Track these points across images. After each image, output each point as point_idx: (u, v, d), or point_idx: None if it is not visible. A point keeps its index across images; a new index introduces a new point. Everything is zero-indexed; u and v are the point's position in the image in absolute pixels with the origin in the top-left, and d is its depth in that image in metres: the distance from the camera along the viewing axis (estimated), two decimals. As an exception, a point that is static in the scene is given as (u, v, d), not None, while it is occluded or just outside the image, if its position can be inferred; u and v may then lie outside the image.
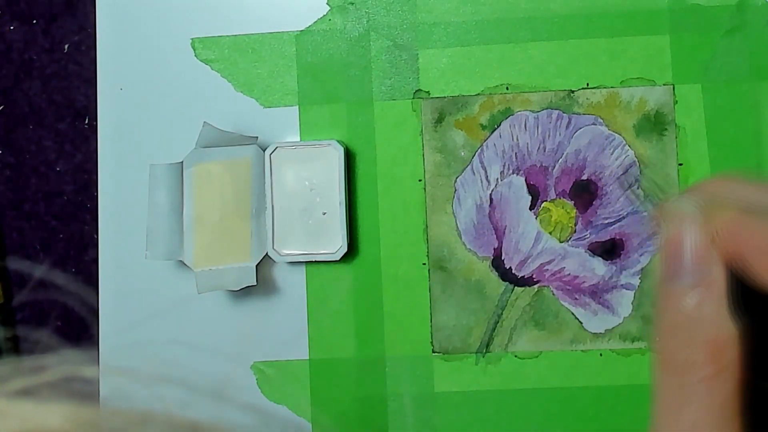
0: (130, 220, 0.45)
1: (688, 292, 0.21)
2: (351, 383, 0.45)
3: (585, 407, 0.45)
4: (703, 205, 0.22)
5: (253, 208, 0.45)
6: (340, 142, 0.45)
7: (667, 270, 0.22)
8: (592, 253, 0.45)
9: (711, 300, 0.21)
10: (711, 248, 0.21)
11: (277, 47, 0.47)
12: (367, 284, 0.46)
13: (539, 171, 0.45)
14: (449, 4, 0.46)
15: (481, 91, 0.46)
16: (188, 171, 0.44)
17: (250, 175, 0.45)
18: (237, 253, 0.44)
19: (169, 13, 0.47)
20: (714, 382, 0.20)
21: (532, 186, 0.45)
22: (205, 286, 0.44)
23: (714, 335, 0.21)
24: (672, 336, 0.21)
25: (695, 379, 0.21)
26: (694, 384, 0.21)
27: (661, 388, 0.21)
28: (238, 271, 0.44)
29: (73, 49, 0.48)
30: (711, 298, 0.21)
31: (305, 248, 0.44)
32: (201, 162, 0.45)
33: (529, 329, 0.45)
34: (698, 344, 0.21)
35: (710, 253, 0.22)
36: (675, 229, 0.22)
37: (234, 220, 0.45)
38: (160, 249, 0.44)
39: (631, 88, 0.45)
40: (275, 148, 0.44)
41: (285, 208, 0.44)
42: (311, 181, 0.45)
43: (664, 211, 0.23)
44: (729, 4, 0.45)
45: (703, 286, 0.21)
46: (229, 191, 0.45)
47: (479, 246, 0.45)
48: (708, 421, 0.20)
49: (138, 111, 0.47)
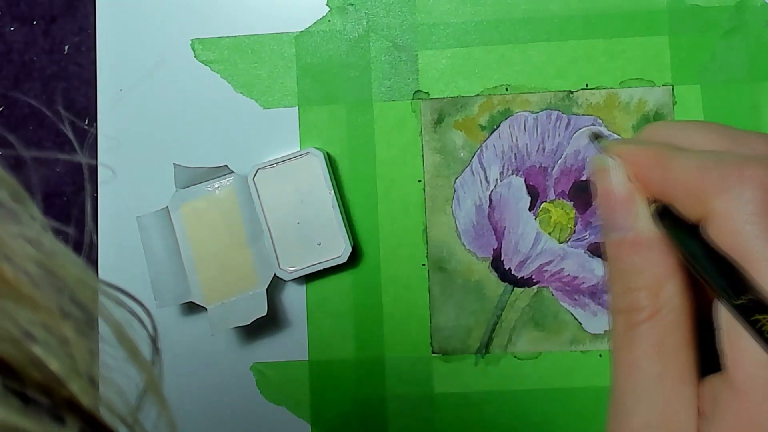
0: (130, 220, 0.45)
1: (621, 241, 0.23)
2: (350, 384, 0.45)
3: (584, 408, 0.44)
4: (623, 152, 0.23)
5: (249, 234, 0.44)
6: (318, 148, 0.45)
7: (604, 224, 0.24)
8: (591, 254, 0.45)
9: (640, 244, 0.23)
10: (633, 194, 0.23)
11: (277, 48, 0.47)
12: (366, 285, 0.46)
13: (539, 172, 0.45)
14: (449, 5, 0.46)
15: (480, 92, 0.46)
16: (176, 214, 0.44)
17: (237, 203, 0.45)
18: (244, 282, 0.44)
19: (169, 13, 0.47)
20: (653, 322, 0.22)
21: (532, 187, 0.45)
22: (218, 326, 0.44)
23: (648, 279, 0.22)
24: (614, 283, 0.23)
25: (638, 320, 0.22)
26: (637, 325, 0.22)
27: (613, 332, 0.23)
28: (249, 299, 0.44)
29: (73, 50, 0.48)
30: (640, 242, 0.23)
31: (311, 259, 0.44)
32: (185, 202, 0.45)
33: (528, 330, 0.45)
34: (636, 288, 0.22)
35: (634, 198, 0.23)
36: (602, 182, 0.24)
37: (233, 250, 0.45)
38: (168, 296, 0.44)
39: (631, 89, 0.45)
40: (256, 171, 0.44)
41: (281, 227, 0.44)
42: (300, 192, 0.44)
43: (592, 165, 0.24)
44: (728, 5, 0.45)
45: (631, 235, 0.23)
46: (220, 224, 0.45)
47: (478, 247, 0.45)
48: (652, 356, 0.22)
49: (138, 112, 0.47)
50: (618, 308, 0.23)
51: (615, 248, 0.23)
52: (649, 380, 0.22)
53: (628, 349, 0.22)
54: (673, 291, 0.22)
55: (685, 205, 0.22)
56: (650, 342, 0.22)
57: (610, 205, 0.23)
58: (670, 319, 0.22)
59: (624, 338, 0.23)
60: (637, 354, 0.22)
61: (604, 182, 0.23)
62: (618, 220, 0.23)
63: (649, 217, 0.23)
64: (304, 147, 0.46)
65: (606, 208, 0.23)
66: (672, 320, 0.22)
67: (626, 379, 0.23)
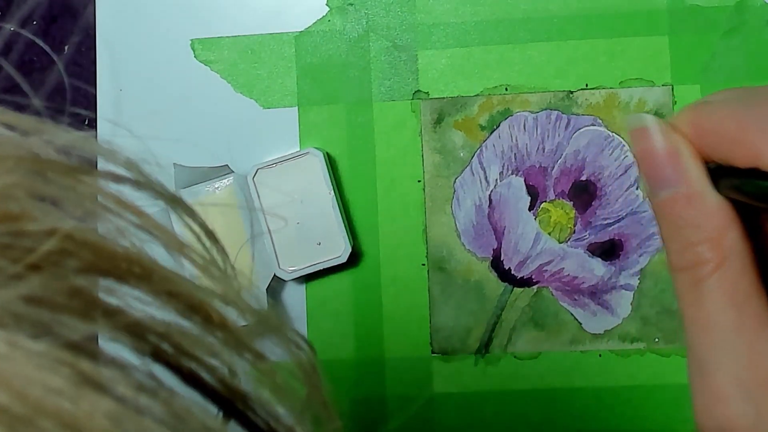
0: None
1: (671, 200, 0.22)
2: (350, 384, 0.45)
3: (584, 408, 0.44)
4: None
5: (248, 234, 0.44)
6: (318, 148, 0.45)
7: (648, 183, 0.23)
8: (591, 254, 0.45)
9: (694, 197, 0.22)
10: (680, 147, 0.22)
11: (277, 48, 0.47)
12: (366, 285, 0.46)
13: (538, 172, 0.45)
14: (448, 5, 0.46)
15: (480, 92, 0.46)
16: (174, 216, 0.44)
17: (237, 203, 0.45)
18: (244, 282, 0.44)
19: (169, 13, 0.48)
20: (720, 273, 0.22)
21: (531, 187, 0.45)
22: None
23: (708, 229, 0.22)
24: (671, 242, 0.23)
25: (704, 273, 0.22)
26: (705, 278, 0.22)
27: (679, 291, 0.23)
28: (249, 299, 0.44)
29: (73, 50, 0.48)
30: (693, 195, 0.22)
31: (311, 259, 0.44)
32: None
33: (528, 330, 0.45)
34: (697, 243, 0.22)
35: (680, 152, 0.23)
36: (640, 142, 0.23)
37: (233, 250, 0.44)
38: None
39: (630, 89, 0.45)
40: (256, 171, 0.44)
41: (281, 226, 0.44)
42: (300, 192, 0.45)
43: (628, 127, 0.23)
44: (728, 5, 0.45)
45: (683, 187, 0.22)
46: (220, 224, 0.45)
47: (478, 247, 0.45)
48: (727, 306, 0.22)
49: (137, 112, 0.47)
50: (680, 266, 0.22)
51: (667, 206, 0.22)
52: (728, 331, 0.21)
53: (699, 305, 0.22)
54: (734, 238, 0.22)
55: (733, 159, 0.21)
56: (722, 293, 0.22)
57: (654, 162, 0.23)
58: (737, 266, 0.22)
59: (693, 295, 0.22)
60: (710, 307, 0.22)
61: (644, 141, 0.23)
62: (666, 177, 0.22)
63: (698, 168, 0.22)
64: (304, 147, 0.46)
65: (650, 167, 0.23)
66: (739, 268, 0.22)
67: (704, 335, 0.22)
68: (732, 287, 0.22)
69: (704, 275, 0.22)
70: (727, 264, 0.22)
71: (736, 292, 0.22)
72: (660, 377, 0.44)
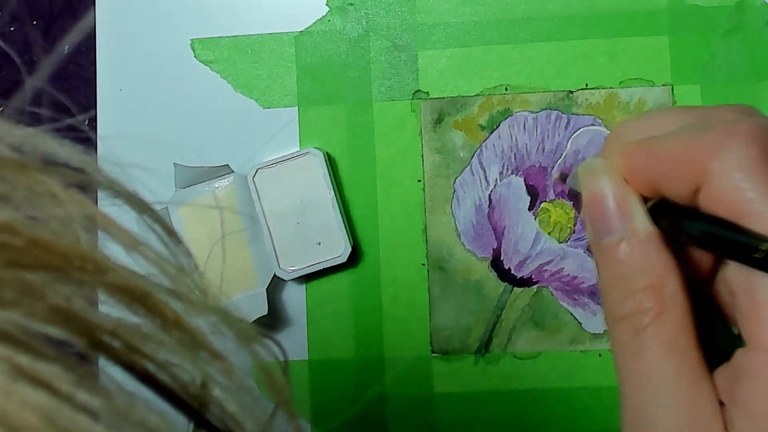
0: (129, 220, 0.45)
1: (615, 246, 0.22)
2: (350, 384, 0.45)
3: (584, 408, 0.44)
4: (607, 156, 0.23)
5: (249, 234, 0.44)
6: (318, 148, 0.45)
7: (592, 229, 0.23)
8: (591, 254, 0.45)
9: (637, 246, 0.22)
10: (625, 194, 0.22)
11: (277, 48, 0.47)
12: (366, 285, 0.46)
13: (538, 171, 0.45)
14: (448, 5, 0.46)
15: (480, 92, 0.46)
16: (175, 214, 0.45)
17: (237, 203, 0.45)
18: (244, 282, 0.44)
19: (168, 14, 0.48)
20: (661, 322, 0.21)
21: (531, 186, 0.45)
22: None
23: (649, 278, 0.22)
24: (612, 290, 0.22)
25: (645, 323, 0.21)
26: (645, 327, 0.21)
27: (615, 341, 0.22)
28: (250, 299, 0.44)
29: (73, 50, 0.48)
30: (637, 244, 0.22)
31: (311, 259, 0.44)
32: (185, 203, 0.45)
33: (528, 330, 0.45)
34: (637, 292, 0.22)
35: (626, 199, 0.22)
36: (590, 187, 0.23)
37: (233, 250, 0.45)
38: None
39: (630, 89, 0.45)
40: (256, 171, 0.44)
41: (281, 226, 0.44)
42: (300, 193, 0.45)
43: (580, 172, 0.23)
44: (728, 5, 0.45)
45: (626, 235, 0.22)
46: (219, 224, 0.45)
47: (478, 246, 0.45)
48: (663, 360, 0.21)
49: (137, 112, 0.47)
50: (621, 315, 0.22)
51: (610, 252, 0.22)
52: (667, 382, 0.21)
53: (638, 355, 0.22)
54: (675, 287, 0.22)
55: (680, 180, 0.21)
56: (661, 342, 0.21)
57: (602, 208, 0.23)
58: (678, 316, 0.21)
59: (632, 345, 0.22)
60: (650, 358, 0.21)
61: (593, 187, 0.23)
62: (611, 223, 0.22)
63: (644, 214, 0.22)
64: (304, 147, 0.46)
65: (597, 213, 0.23)
66: (680, 317, 0.21)
67: (642, 387, 0.22)
68: (671, 337, 0.21)
69: (645, 324, 0.21)
70: (667, 313, 0.21)
71: (676, 342, 0.21)
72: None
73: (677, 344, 0.21)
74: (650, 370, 0.21)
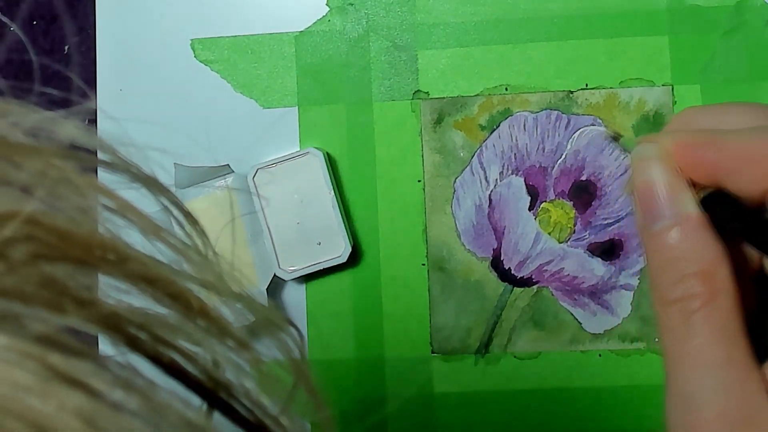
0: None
1: (666, 231, 0.22)
2: (350, 384, 0.45)
3: (584, 408, 0.44)
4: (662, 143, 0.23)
5: (249, 234, 0.44)
6: (318, 148, 0.45)
7: (643, 216, 0.23)
8: (591, 254, 0.45)
9: (689, 232, 0.22)
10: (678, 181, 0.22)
11: (277, 48, 0.47)
12: (366, 285, 0.46)
13: (538, 171, 0.45)
14: (448, 5, 0.46)
15: (480, 92, 0.46)
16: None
17: (237, 203, 0.45)
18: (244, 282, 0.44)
19: (168, 13, 0.47)
20: (712, 307, 0.21)
21: (531, 186, 0.45)
22: None
23: (700, 264, 0.22)
24: (662, 275, 0.22)
25: (695, 307, 0.22)
26: (695, 312, 0.21)
27: (664, 326, 0.22)
28: None
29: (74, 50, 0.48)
30: (689, 230, 0.22)
31: (311, 259, 0.44)
32: (185, 202, 0.45)
33: (528, 330, 0.45)
34: (688, 277, 0.22)
35: (678, 186, 0.23)
36: (641, 174, 0.23)
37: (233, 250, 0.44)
38: None
39: (630, 89, 0.45)
40: (256, 171, 0.44)
41: (281, 226, 0.44)
42: (300, 193, 0.45)
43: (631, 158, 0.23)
44: (728, 5, 0.45)
45: (679, 221, 0.22)
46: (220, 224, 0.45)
47: (478, 246, 0.45)
48: (714, 344, 0.21)
49: (138, 112, 0.47)
50: (670, 299, 0.22)
51: (661, 237, 0.22)
52: (717, 367, 0.21)
53: (687, 339, 0.22)
54: (726, 274, 0.22)
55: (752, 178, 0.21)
56: (712, 327, 0.21)
57: (653, 195, 0.23)
58: (728, 303, 0.21)
59: (682, 329, 0.22)
60: (700, 342, 0.21)
61: (645, 172, 0.23)
62: (663, 209, 0.22)
63: (695, 203, 0.22)
64: (304, 147, 0.46)
65: (648, 199, 0.23)
66: (730, 304, 0.21)
67: (691, 370, 0.21)
68: (722, 323, 0.21)
69: (694, 309, 0.22)
70: (718, 299, 0.21)
71: (726, 328, 0.21)
72: (660, 377, 0.44)
73: (727, 330, 0.21)
74: (700, 354, 0.21)
